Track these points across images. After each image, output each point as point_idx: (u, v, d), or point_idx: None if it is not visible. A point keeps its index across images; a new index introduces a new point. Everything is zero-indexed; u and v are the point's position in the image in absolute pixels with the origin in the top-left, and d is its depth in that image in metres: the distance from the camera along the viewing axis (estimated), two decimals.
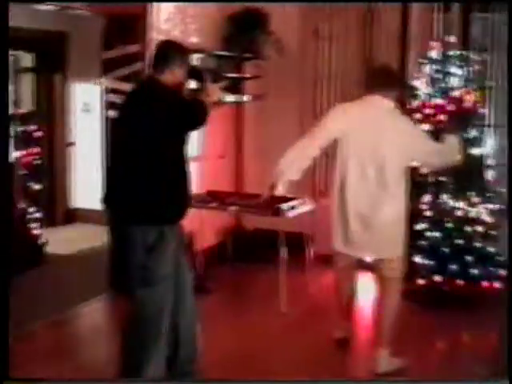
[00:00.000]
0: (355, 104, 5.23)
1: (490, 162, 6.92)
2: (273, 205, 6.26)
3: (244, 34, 7.36)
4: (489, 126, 7.46)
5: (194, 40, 6.89)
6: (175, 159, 4.18)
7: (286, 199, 6.43)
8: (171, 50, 4.28)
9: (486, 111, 7.21)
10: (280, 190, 5.24)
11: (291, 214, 6.38)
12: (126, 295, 4.25)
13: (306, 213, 6.69)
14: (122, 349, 4.30)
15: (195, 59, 6.41)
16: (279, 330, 5.89)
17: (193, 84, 4.51)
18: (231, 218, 7.98)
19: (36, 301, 6.21)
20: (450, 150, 5.15)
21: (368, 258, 5.21)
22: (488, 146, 7.01)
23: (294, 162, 5.03)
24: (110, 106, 6.66)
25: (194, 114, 4.21)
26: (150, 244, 4.07)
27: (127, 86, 6.46)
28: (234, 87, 6.89)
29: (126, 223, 4.15)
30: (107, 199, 4.31)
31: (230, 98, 7.10)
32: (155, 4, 6.53)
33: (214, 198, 6.67)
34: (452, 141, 5.19)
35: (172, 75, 4.22)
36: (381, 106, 5.01)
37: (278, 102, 7.94)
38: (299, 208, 6.59)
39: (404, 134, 4.95)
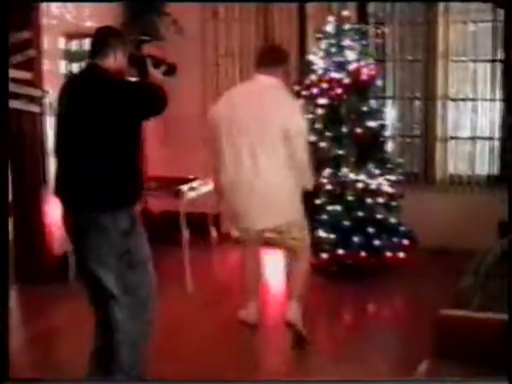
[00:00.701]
0: (240, 85, 5.55)
1: (388, 133, 7.01)
2: (174, 187, 6.27)
3: (140, 16, 7.28)
4: (389, 97, 7.54)
5: (88, 24, 6.78)
6: (135, 141, 4.10)
7: (187, 180, 6.45)
8: (113, 35, 4.16)
9: (383, 83, 7.29)
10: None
11: (192, 195, 6.35)
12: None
13: (209, 193, 6.68)
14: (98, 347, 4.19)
15: None
16: (187, 311, 5.90)
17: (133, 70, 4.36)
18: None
19: None
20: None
21: (268, 234, 5.23)
22: (387, 118, 7.10)
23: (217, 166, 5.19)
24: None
25: (157, 98, 4.12)
26: (124, 228, 4.02)
27: (20, 74, 6.38)
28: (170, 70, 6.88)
29: (94, 211, 4.00)
30: (64, 191, 4.17)
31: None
32: None
33: None
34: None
35: (115, 61, 4.09)
36: (263, 83, 5.12)
37: (179, 82, 7.84)
38: (201, 189, 6.59)
39: (280, 107, 5.02)
